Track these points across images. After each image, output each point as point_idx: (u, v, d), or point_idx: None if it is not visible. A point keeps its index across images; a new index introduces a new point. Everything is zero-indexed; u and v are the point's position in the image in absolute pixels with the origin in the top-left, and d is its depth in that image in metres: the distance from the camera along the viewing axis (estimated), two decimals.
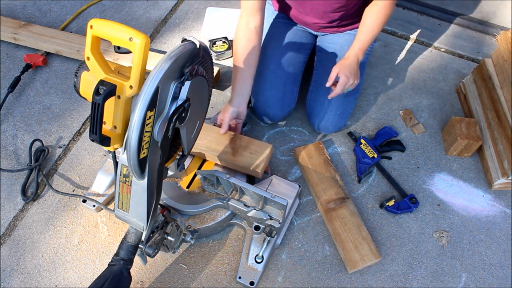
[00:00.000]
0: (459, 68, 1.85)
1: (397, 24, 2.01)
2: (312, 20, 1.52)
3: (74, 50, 1.78)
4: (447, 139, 1.57)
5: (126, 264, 1.07)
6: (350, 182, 1.51)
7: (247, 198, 1.29)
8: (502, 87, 1.49)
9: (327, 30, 1.58)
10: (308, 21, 1.54)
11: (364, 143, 1.55)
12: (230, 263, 1.33)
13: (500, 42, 1.54)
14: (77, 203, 1.44)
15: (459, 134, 1.49)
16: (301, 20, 1.56)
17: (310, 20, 1.53)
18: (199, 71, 0.95)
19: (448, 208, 1.47)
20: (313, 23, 1.54)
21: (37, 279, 1.29)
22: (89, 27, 0.82)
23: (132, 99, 0.88)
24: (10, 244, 1.36)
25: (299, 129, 1.64)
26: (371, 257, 1.31)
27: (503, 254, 1.38)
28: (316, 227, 1.41)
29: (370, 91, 1.76)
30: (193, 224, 1.30)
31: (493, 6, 2.12)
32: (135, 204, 1.00)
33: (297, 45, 1.58)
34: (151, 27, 1.97)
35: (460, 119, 1.54)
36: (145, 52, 0.81)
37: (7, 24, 1.85)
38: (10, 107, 1.67)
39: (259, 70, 1.55)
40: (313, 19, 1.52)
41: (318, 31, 1.60)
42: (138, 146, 0.83)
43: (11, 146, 1.57)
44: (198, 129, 1.11)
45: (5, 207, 1.43)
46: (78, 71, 0.94)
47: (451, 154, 1.56)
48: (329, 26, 1.55)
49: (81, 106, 1.69)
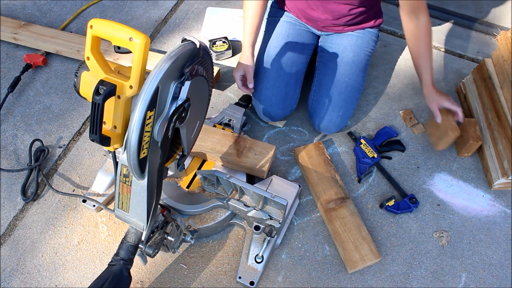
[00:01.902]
0: (459, 68, 1.85)
1: (397, 24, 2.01)
2: (320, 16, 1.52)
3: (74, 50, 1.78)
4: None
5: (126, 264, 1.07)
6: (350, 182, 1.51)
7: (247, 198, 1.29)
8: (502, 87, 1.49)
9: (331, 29, 1.58)
10: (314, 16, 1.53)
11: (364, 143, 1.55)
12: (230, 263, 1.33)
13: (500, 42, 1.54)
14: (77, 203, 1.44)
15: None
16: (307, 14, 1.54)
17: (317, 16, 1.52)
18: (199, 71, 0.95)
19: (448, 208, 1.47)
20: (319, 19, 1.53)
21: (37, 279, 1.29)
22: (89, 27, 0.82)
23: (132, 99, 0.88)
24: (10, 244, 1.36)
25: (299, 129, 1.64)
26: (371, 257, 1.31)
27: (503, 254, 1.38)
28: (316, 227, 1.41)
29: (370, 91, 1.76)
30: (193, 224, 1.30)
31: (493, 6, 2.12)
32: (135, 204, 1.00)
33: (299, 45, 1.58)
34: (151, 27, 1.97)
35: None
36: (145, 52, 0.81)
37: (7, 24, 1.85)
38: (10, 107, 1.67)
39: (261, 70, 1.55)
40: (320, 15, 1.51)
41: (321, 30, 1.60)
42: (138, 146, 0.83)
43: (11, 146, 1.57)
44: (198, 129, 1.11)
45: (5, 207, 1.43)
46: (78, 71, 0.94)
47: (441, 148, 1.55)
48: (335, 25, 1.54)
49: (81, 106, 1.69)
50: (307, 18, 1.56)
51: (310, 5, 1.49)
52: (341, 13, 1.47)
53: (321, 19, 1.52)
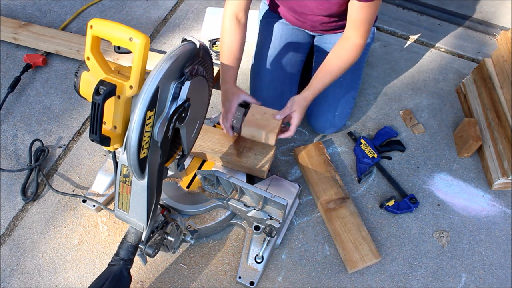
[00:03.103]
0: (459, 68, 1.85)
1: (397, 24, 2.01)
2: (306, 23, 1.51)
3: (74, 50, 1.78)
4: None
5: (126, 264, 1.07)
6: (350, 182, 1.51)
7: (247, 198, 1.29)
8: (502, 87, 1.49)
9: (322, 32, 1.58)
10: (302, 22, 1.52)
11: (364, 143, 1.55)
12: (230, 263, 1.33)
13: (500, 42, 1.54)
14: (77, 203, 1.44)
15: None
16: (296, 20, 1.54)
17: (304, 22, 1.52)
18: (199, 71, 0.95)
19: (448, 208, 1.47)
20: (308, 24, 1.53)
21: (37, 279, 1.29)
22: (89, 27, 0.82)
23: (132, 99, 0.88)
24: (10, 244, 1.36)
25: (299, 129, 1.64)
26: (371, 257, 1.31)
27: (503, 254, 1.38)
28: (316, 227, 1.41)
29: (370, 91, 1.76)
30: (193, 224, 1.30)
31: (493, 6, 2.12)
32: (135, 204, 1.00)
33: (294, 44, 1.57)
34: (151, 27, 1.97)
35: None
36: (145, 52, 0.81)
37: (7, 24, 1.85)
38: (10, 107, 1.67)
39: (256, 70, 1.55)
40: (306, 22, 1.51)
41: (314, 32, 1.60)
42: (138, 146, 0.83)
43: (11, 146, 1.57)
44: (198, 129, 1.11)
45: (5, 207, 1.43)
46: (78, 71, 0.94)
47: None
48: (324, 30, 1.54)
49: (81, 106, 1.69)
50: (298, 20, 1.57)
51: (295, 16, 1.50)
52: (322, 22, 1.47)
53: (308, 25, 1.53)
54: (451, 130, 1.65)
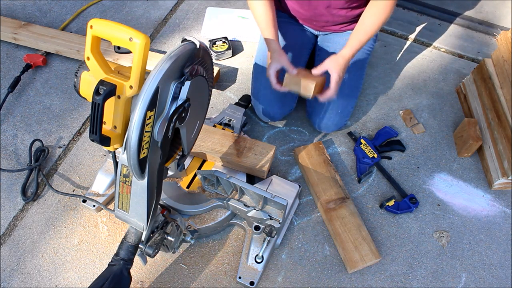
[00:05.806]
0: (459, 68, 1.85)
1: (397, 24, 2.01)
2: (318, 20, 1.51)
3: (74, 50, 1.78)
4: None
5: (126, 264, 1.07)
6: (350, 182, 1.51)
7: (247, 198, 1.29)
8: (502, 87, 1.49)
9: (329, 29, 1.58)
10: (312, 18, 1.53)
11: (364, 143, 1.55)
12: (230, 263, 1.33)
13: (500, 42, 1.54)
14: (77, 203, 1.44)
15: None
16: (305, 17, 1.54)
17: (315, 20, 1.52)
18: (199, 71, 0.95)
19: (448, 208, 1.47)
20: (317, 21, 1.53)
21: (37, 279, 1.29)
22: (89, 27, 0.82)
23: (132, 99, 0.88)
24: (10, 244, 1.36)
25: (299, 129, 1.64)
26: (371, 257, 1.31)
27: (503, 254, 1.38)
28: (316, 227, 1.41)
29: (370, 91, 1.76)
30: (193, 224, 1.30)
31: (493, 6, 2.12)
32: (135, 204, 1.00)
33: (298, 44, 1.58)
34: (151, 27, 1.97)
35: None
36: (145, 52, 0.81)
37: (7, 24, 1.85)
38: (10, 107, 1.67)
39: (259, 69, 1.55)
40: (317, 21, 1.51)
41: (319, 30, 1.60)
42: (138, 146, 0.83)
43: (11, 146, 1.57)
44: (198, 129, 1.11)
45: (5, 207, 1.43)
46: (78, 71, 0.94)
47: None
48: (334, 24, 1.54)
49: (81, 106, 1.69)
50: (304, 19, 1.57)
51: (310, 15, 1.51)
52: (340, 15, 1.47)
53: (315, 14, 1.52)
54: (451, 130, 1.65)
